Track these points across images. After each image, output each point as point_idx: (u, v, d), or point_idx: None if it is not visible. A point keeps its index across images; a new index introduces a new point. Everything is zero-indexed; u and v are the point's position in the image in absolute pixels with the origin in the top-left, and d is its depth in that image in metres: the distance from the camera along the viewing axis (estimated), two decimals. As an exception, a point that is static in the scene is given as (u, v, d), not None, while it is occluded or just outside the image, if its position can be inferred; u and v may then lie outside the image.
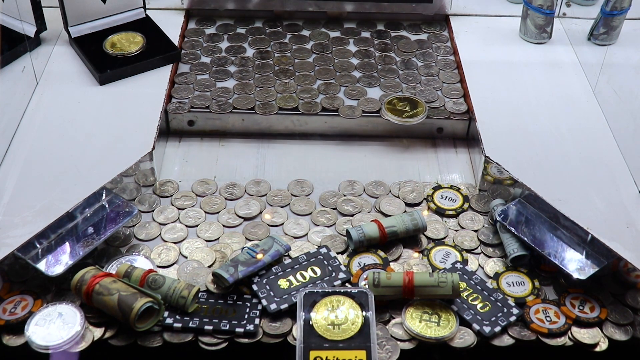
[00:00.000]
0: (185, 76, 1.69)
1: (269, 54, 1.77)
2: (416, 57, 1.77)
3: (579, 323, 1.25)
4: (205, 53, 1.77)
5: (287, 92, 1.64)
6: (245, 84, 1.67)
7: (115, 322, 1.22)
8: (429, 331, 1.22)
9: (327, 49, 1.79)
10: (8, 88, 1.58)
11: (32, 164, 1.42)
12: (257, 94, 1.64)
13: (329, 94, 1.64)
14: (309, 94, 1.64)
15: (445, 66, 1.74)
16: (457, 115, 1.60)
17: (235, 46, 1.80)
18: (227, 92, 1.64)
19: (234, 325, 1.22)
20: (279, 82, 1.67)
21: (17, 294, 1.27)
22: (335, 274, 1.30)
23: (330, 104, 1.61)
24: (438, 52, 1.79)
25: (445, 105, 1.63)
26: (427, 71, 1.73)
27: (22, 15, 1.66)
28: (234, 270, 1.26)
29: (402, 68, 1.73)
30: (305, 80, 1.68)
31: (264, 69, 1.72)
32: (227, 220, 1.42)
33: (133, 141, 1.47)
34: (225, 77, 1.69)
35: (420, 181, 1.52)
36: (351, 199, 1.47)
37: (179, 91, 1.64)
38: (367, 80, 1.69)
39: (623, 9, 1.73)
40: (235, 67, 1.73)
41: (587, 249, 1.31)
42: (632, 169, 1.44)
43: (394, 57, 1.77)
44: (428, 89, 1.66)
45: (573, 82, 1.68)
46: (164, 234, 1.39)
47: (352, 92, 1.65)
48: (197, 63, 1.73)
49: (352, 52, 1.79)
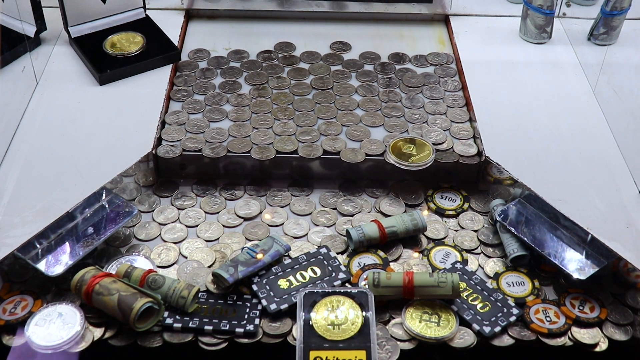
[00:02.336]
0: (177, 115, 1.56)
1: (266, 90, 1.65)
2: (422, 92, 1.66)
3: (579, 323, 1.25)
4: (198, 90, 1.64)
5: (285, 134, 1.52)
6: (241, 124, 1.55)
7: (115, 322, 1.22)
8: (429, 331, 1.22)
9: (328, 84, 1.67)
10: (8, 88, 1.58)
11: (32, 164, 1.42)
12: (254, 135, 1.51)
13: (330, 135, 1.52)
14: (309, 136, 1.52)
15: (453, 103, 1.63)
16: (466, 159, 1.48)
17: (230, 81, 1.67)
18: (221, 133, 1.52)
19: (234, 325, 1.22)
20: (277, 123, 1.55)
21: (17, 294, 1.27)
22: (335, 274, 1.30)
23: (331, 147, 1.49)
24: (445, 87, 1.68)
25: (454, 147, 1.50)
26: (434, 108, 1.61)
27: (22, 15, 1.66)
28: (234, 270, 1.26)
29: (407, 105, 1.62)
30: (305, 119, 1.57)
31: (261, 107, 1.60)
32: (227, 220, 1.42)
33: (133, 141, 1.47)
34: (220, 118, 1.57)
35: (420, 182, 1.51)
36: (351, 199, 1.47)
37: (169, 132, 1.52)
38: (370, 119, 1.57)
39: (623, 9, 1.73)
40: (231, 105, 1.61)
41: (587, 249, 1.31)
42: (632, 169, 1.44)
43: (399, 93, 1.66)
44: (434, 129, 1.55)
45: (573, 82, 1.68)
46: (164, 234, 1.39)
47: (354, 133, 1.53)
48: (190, 101, 1.61)
49: (354, 87, 1.66)
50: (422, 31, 1.89)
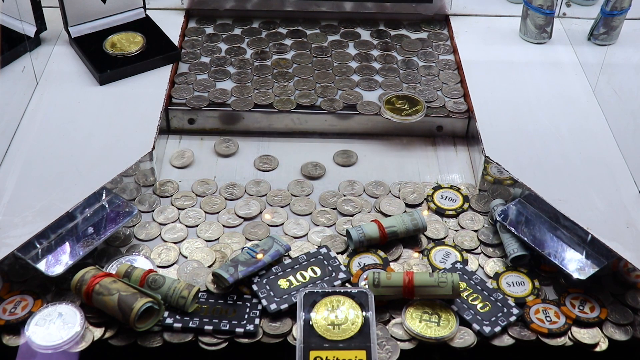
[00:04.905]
0: (185, 76, 1.69)
1: (266, 55, 1.78)
2: (417, 56, 1.78)
3: (579, 323, 1.25)
4: (205, 53, 1.77)
5: (284, 94, 1.64)
6: (243, 86, 1.67)
7: (116, 322, 1.22)
8: (429, 331, 1.22)
9: (327, 52, 1.79)
10: (8, 88, 1.58)
11: (32, 164, 1.42)
12: (255, 96, 1.64)
13: (326, 97, 1.64)
14: (307, 99, 1.63)
15: (445, 67, 1.75)
16: (456, 114, 1.60)
17: (235, 47, 1.80)
18: (225, 93, 1.65)
19: (234, 325, 1.22)
20: (277, 85, 1.67)
21: (17, 294, 1.27)
22: (335, 274, 1.30)
23: (329, 106, 1.62)
24: (438, 51, 1.79)
25: (445, 104, 1.63)
26: (427, 72, 1.73)
27: (22, 15, 1.66)
28: (234, 270, 1.26)
29: (402, 67, 1.74)
30: (304, 84, 1.68)
31: (262, 70, 1.72)
32: (227, 220, 1.42)
33: (133, 141, 1.47)
34: (223, 78, 1.70)
35: (420, 181, 1.51)
36: (351, 199, 1.47)
37: (178, 91, 1.65)
38: (366, 84, 1.69)
39: (623, 9, 1.73)
40: (234, 68, 1.73)
41: (587, 249, 1.31)
42: (632, 169, 1.44)
43: (395, 56, 1.78)
44: (428, 89, 1.67)
45: (573, 82, 1.68)
46: (164, 234, 1.39)
47: (348, 97, 1.65)
48: (196, 63, 1.74)
49: (351, 55, 1.78)
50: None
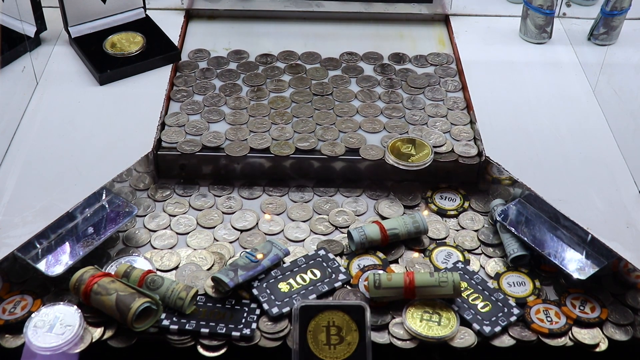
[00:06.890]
0: (177, 117, 1.55)
1: (263, 92, 1.64)
2: (424, 93, 1.65)
3: (579, 323, 1.24)
4: (198, 90, 1.63)
5: (282, 137, 1.51)
6: (239, 128, 1.53)
7: (114, 321, 1.22)
8: (430, 331, 1.22)
9: (328, 89, 1.65)
10: (8, 88, 1.58)
11: (32, 164, 1.42)
12: (251, 139, 1.50)
13: (327, 140, 1.51)
14: (307, 142, 1.50)
15: (454, 105, 1.62)
16: (466, 159, 1.48)
17: (229, 84, 1.66)
18: (218, 137, 1.50)
19: (231, 328, 1.21)
20: (274, 127, 1.53)
21: (17, 294, 1.27)
22: (335, 276, 1.30)
23: (331, 151, 1.48)
24: (446, 87, 1.67)
25: (454, 148, 1.49)
26: (435, 111, 1.59)
27: (22, 15, 1.66)
28: (234, 274, 1.25)
29: (408, 106, 1.61)
30: (303, 125, 1.54)
31: (259, 109, 1.58)
32: (223, 235, 1.39)
33: (133, 141, 1.47)
34: (217, 119, 1.56)
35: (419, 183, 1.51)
36: (349, 203, 1.47)
37: (169, 134, 1.51)
38: (369, 125, 1.54)
39: (623, 9, 1.73)
40: (228, 108, 1.59)
41: (587, 249, 1.31)
42: (632, 169, 1.44)
43: (401, 94, 1.65)
44: (434, 132, 1.53)
45: (573, 82, 1.68)
46: (154, 240, 1.38)
47: (350, 140, 1.51)
48: (189, 102, 1.60)
49: (354, 93, 1.64)
50: (422, 31, 1.88)
